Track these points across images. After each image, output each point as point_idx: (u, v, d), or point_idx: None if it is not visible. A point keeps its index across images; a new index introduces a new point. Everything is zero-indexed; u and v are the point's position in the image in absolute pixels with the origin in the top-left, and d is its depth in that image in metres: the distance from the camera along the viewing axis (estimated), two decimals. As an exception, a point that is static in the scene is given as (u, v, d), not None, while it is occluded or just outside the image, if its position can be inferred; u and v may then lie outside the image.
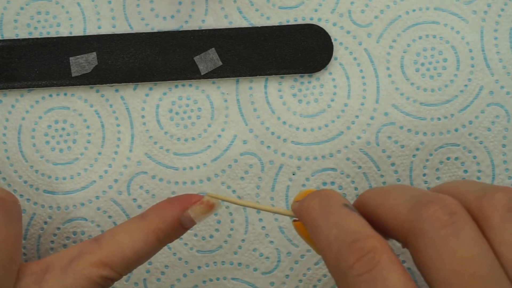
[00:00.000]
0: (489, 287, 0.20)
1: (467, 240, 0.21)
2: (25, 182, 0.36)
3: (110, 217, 0.36)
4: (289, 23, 0.36)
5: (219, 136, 0.36)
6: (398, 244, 0.34)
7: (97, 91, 0.36)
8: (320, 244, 0.23)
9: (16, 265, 0.28)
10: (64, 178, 0.36)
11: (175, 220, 0.29)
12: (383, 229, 0.23)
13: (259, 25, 0.36)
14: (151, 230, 0.29)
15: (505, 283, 0.20)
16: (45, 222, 0.36)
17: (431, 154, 0.36)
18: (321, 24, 0.36)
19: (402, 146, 0.36)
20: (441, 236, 0.21)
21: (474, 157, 0.36)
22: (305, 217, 0.25)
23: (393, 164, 0.36)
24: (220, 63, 0.36)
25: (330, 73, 0.36)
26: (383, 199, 0.24)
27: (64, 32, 0.36)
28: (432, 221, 0.21)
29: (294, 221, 0.26)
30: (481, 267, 0.20)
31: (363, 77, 0.36)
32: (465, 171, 0.36)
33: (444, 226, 0.21)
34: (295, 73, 0.36)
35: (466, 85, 0.36)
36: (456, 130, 0.36)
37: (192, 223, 0.29)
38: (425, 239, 0.21)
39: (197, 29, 0.36)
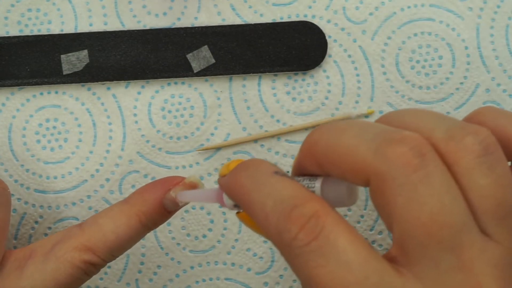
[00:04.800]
0: (457, 237, 0.19)
1: (438, 187, 0.19)
2: (16, 181, 0.35)
3: (102, 216, 0.35)
4: (283, 20, 0.36)
5: (212, 134, 0.36)
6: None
7: (89, 89, 0.36)
8: (258, 221, 0.21)
9: (1, 252, 0.28)
10: (56, 177, 0.35)
11: (158, 202, 0.28)
12: (337, 172, 0.21)
13: (253, 22, 0.36)
14: (133, 213, 0.28)
15: (474, 232, 0.19)
16: (36, 222, 0.35)
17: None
18: (315, 21, 0.36)
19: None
20: (410, 183, 0.19)
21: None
22: (237, 195, 0.22)
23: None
24: (213, 61, 0.35)
25: (324, 71, 0.36)
26: (337, 139, 0.21)
27: (55, 29, 0.36)
28: (401, 165, 0.19)
29: (238, 213, 0.25)
30: (451, 217, 0.19)
31: (357, 75, 0.36)
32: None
33: (414, 171, 0.19)
34: (289, 71, 0.35)
35: (462, 83, 0.36)
36: (452, 128, 0.36)
37: (175, 206, 0.29)
38: (392, 185, 0.19)
39: (190, 26, 0.36)
